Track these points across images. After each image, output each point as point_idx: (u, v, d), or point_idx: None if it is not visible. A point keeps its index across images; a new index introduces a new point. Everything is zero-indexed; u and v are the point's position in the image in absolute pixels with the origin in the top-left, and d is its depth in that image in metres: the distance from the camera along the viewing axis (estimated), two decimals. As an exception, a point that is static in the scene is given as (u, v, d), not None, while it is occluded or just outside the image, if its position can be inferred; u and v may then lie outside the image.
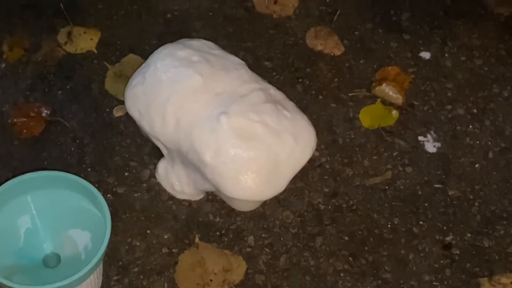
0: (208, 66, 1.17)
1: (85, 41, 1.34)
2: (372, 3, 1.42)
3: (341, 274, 1.15)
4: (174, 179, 1.19)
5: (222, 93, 1.14)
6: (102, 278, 1.08)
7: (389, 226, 1.19)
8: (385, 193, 1.22)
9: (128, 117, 1.27)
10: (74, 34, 1.34)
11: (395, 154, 1.26)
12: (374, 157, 1.25)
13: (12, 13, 1.35)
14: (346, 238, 1.18)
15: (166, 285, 1.12)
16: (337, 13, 1.40)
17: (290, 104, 1.18)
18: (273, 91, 1.18)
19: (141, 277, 1.13)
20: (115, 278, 1.13)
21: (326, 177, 1.23)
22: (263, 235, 1.18)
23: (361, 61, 1.35)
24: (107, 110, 1.28)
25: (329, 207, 1.21)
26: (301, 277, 1.14)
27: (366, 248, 1.17)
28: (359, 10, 1.40)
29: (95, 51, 1.34)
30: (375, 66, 1.34)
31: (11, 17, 1.35)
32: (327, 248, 1.17)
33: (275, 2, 1.41)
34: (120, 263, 1.14)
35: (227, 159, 1.10)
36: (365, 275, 1.14)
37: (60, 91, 1.29)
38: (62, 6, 1.36)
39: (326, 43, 1.37)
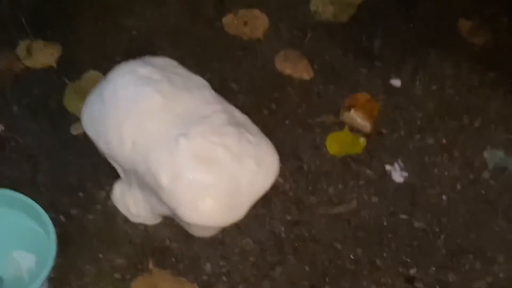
0: (170, 85, 1.15)
1: (45, 55, 1.32)
2: (343, 28, 1.40)
3: (300, 307, 1.12)
4: (130, 202, 1.16)
5: (182, 114, 1.12)
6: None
7: (351, 257, 1.17)
8: (349, 223, 1.20)
9: (86, 135, 1.24)
10: (34, 48, 1.32)
11: (361, 183, 1.24)
12: (340, 186, 1.24)
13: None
14: (307, 268, 1.16)
15: (117, 314, 1.09)
16: (308, 37, 1.39)
17: (254, 128, 1.17)
18: (237, 113, 1.16)
19: (91, 303, 1.10)
20: (62, 303, 1.10)
21: (289, 204, 1.21)
22: (221, 263, 1.15)
23: (331, 86, 1.34)
24: (65, 127, 1.25)
25: (291, 235, 1.19)
26: (259, 307, 1.12)
27: (327, 279, 1.15)
28: (330, 35, 1.40)
29: (55, 66, 1.31)
30: (344, 92, 1.33)
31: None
32: (287, 278, 1.15)
33: (245, 24, 1.40)
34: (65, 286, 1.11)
35: (185, 184, 1.08)
36: (325, 308, 1.12)
37: (16, 107, 1.26)
38: (23, 20, 1.34)
39: (295, 67, 1.36)
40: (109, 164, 1.20)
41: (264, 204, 1.21)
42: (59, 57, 1.33)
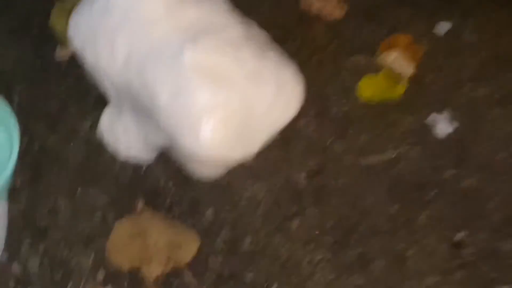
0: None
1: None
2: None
3: (320, 265, 0.91)
4: (119, 131, 0.96)
5: (189, 24, 0.93)
6: (6, 234, 0.84)
7: (386, 214, 0.96)
8: (384, 175, 1.00)
9: (71, 61, 1.05)
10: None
11: (399, 132, 1.04)
12: (373, 134, 1.03)
13: None
14: (330, 223, 0.95)
15: (93, 256, 0.89)
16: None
17: (276, 49, 0.96)
18: (257, 30, 0.96)
19: (62, 245, 0.90)
20: (27, 241, 0.89)
21: (312, 150, 1.01)
22: (226, 209, 0.95)
23: (366, 26, 1.14)
24: (49, 49, 1.06)
25: (312, 185, 0.98)
26: (267, 265, 0.91)
27: (354, 236, 0.94)
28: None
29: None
30: (382, 32, 1.13)
31: None
32: (305, 233, 0.94)
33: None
34: (37, 225, 0.91)
35: (187, 102, 0.89)
36: (350, 269, 0.91)
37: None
38: None
39: (324, 3, 1.16)
40: (96, 90, 1.00)
41: (282, 146, 1.01)
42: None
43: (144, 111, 0.93)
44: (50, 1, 1.11)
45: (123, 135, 0.97)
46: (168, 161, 0.99)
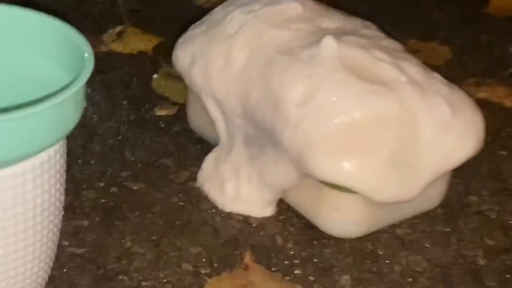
0: (315, 3, 0.78)
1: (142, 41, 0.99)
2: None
3: None
4: (226, 172, 0.74)
5: (329, 28, 0.73)
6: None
7: None
8: None
9: (175, 117, 0.86)
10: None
11: None
12: None
13: None
14: (526, 308, 0.65)
15: (174, 313, 0.62)
16: (510, 71, 1.00)
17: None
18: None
19: (133, 294, 0.63)
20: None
21: (491, 227, 0.74)
22: (369, 278, 0.67)
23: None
24: (147, 108, 0.87)
25: (495, 264, 0.70)
26: None
27: None
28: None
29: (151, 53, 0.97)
30: None
31: None
32: (490, 317, 0.64)
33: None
34: (100, 270, 0.65)
35: (324, 105, 0.67)
36: None
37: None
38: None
39: (492, 91, 0.96)
40: (198, 143, 0.80)
41: (446, 220, 0.75)
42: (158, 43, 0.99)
43: (263, 133, 0.71)
44: (154, 67, 0.94)
45: (231, 178, 0.74)
46: (289, 219, 0.74)
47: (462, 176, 0.81)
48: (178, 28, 0.88)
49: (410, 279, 0.69)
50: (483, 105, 0.93)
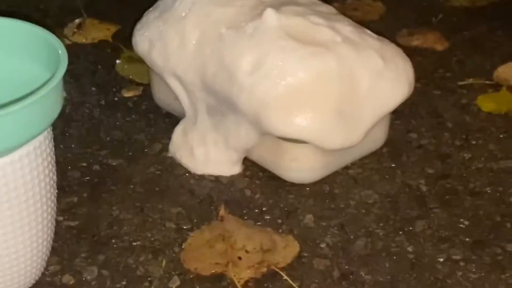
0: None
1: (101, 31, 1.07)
2: (484, 10, 1.12)
3: (461, 264, 0.71)
4: (194, 140, 0.83)
5: (270, 1, 0.82)
6: (55, 213, 0.69)
7: (537, 212, 0.77)
8: (525, 177, 0.82)
9: (140, 97, 0.94)
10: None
11: (536, 139, 0.87)
12: (504, 142, 0.87)
13: None
14: (466, 223, 0.77)
15: (164, 264, 0.71)
16: (438, 17, 1.11)
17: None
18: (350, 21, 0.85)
19: (126, 254, 0.73)
20: (83, 255, 0.73)
21: (430, 159, 0.85)
22: (330, 214, 0.77)
23: (475, 56, 1.02)
24: (115, 90, 0.96)
25: (436, 188, 0.81)
26: (391, 264, 0.71)
27: (500, 236, 0.74)
28: (468, 15, 1.11)
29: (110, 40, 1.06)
30: (495, 60, 1.00)
31: None
32: (434, 233, 0.75)
33: (355, 9, 1.13)
34: (96, 238, 0.75)
35: (272, 71, 0.76)
36: (502, 267, 0.71)
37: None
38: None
39: (424, 38, 1.06)
40: (169, 118, 0.89)
41: (391, 156, 0.85)
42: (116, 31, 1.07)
43: (222, 101, 0.80)
44: (115, 53, 1.03)
45: (199, 145, 0.83)
46: (255, 174, 0.84)
47: (403, 116, 0.92)
48: (133, 14, 0.97)
49: (364, 211, 0.79)
50: (417, 51, 1.04)
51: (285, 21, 0.79)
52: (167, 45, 0.85)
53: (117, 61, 1.02)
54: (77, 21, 1.10)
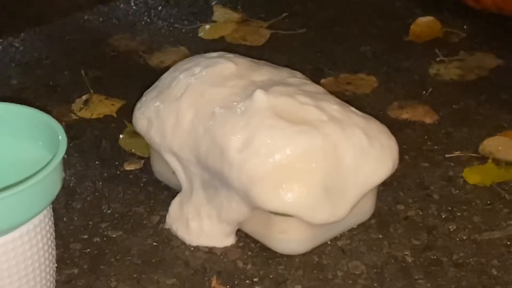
0: (247, 60, 0.92)
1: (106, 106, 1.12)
2: (474, 85, 1.17)
3: (442, 334, 0.74)
4: (190, 212, 0.87)
5: (261, 81, 0.87)
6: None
7: (518, 283, 0.80)
8: (508, 248, 0.85)
9: (141, 170, 0.99)
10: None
11: (519, 211, 0.90)
12: (488, 214, 0.91)
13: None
14: (449, 293, 0.79)
15: (157, 334, 0.75)
16: (428, 91, 1.15)
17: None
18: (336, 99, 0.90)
19: (121, 324, 0.76)
20: (81, 325, 0.76)
21: (416, 230, 0.88)
22: (317, 286, 0.81)
23: (464, 129, 1.06)
24: (117, 164, 1.00)
25: (421, 259, 0.84)
26: (375, 334, 0.74)
27: (481, 304, 0.77)
28: (457, 90, 1.16)
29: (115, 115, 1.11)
30: (483, 133, 1.04)
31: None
32: (419, 304, 0.78)
33: (348, 84, 1.18)
34: (93, 308, 0.79)
35: (260, 149, 0.80)
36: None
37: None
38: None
39: (414, 111, 1.10)
40: (168, 191, 0.93)
41: (378, 228, 0.89)
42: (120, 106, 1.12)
43: (215, 176, 0.84)
44: (119, 128, 1.08)
45: (194, 218, 0.87)
46: (247, 245, 0.87)
47: (390, 189, 0.95)
48: (137, 90, 1.01)
49: (351, 281, 0.82)
50: (406, 125, 1.08)
51: (274, 101, 0.84)
52: (164, 124, 0.89)
53: (120, 136, 1.06)
54: (84, 97, 1.15)
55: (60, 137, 0.67)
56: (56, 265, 0.73)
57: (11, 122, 0.71)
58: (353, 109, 0.88)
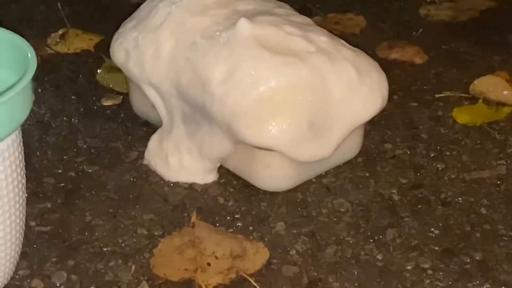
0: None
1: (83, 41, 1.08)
2: (464, 25, 1.13)
3: (429, 272, 0.71)
4: (169, 148, 0.83)
5: (243, 12, 0.83)
6: (25, 215, 0.69)
7: (507, 222, 0.77)
8: (498, 188, 0.82)
9: (119, 106, 0.95)
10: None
11: (509, 151, 0.87)
12: (477, 153, 0.87)
13: None
14: (436, 232, 0.77)
15: (133, 270, 0.71)
16: (418, 32, 1.11)
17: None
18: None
19: (96, 259, 0.73)
20: (53, 260, 0.73)
21: (404, 169, 0.85)
22: (301, 222, 0.77)
23: (453, 70, 1.02)
24: (94, 99, 0.96)
25: (408, 198, 0.81)
26: (360, 271, 0.71)
27: (468, 245, 0.74)
28: (447, 30, 1.12)
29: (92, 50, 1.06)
30: (473, 73, 1.00)
31: None
32: (404, 242, 0.75)
33: (336, 23, 1.14)
34: (66, 243, 0.75)
35: (244, 80, 0.76)
36: (470, 275, 0.70)
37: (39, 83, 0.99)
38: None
39: (403, 51, 1.06)
40: (147, 127, 0.89)
41: (364, 166, 0.85)
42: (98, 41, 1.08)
43: (197, 110, 0.81)
44: (97, 63, 1.03)
45: (174, 153, 0.83)
46: (229, 182, 0.83)
47: (379, 127, 0.92)
48: (116, 25, 0.97)
49: (335, 219, 0.79)
50: (395, 64, 1.04)
51: (259, 30, 0.79)
52: (143, 54, 0.85)
53: (98, 71, 1.02)
54: (60, 31, 1.10)
55: (29, 55, 0.63)
56: (26, 195, 0.69)
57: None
58: (343, 42, 0.84)
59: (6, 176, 0.64)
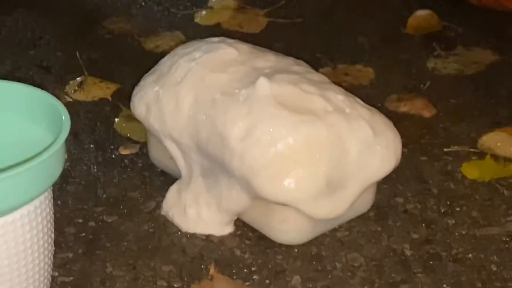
0: (249, 46, 0.91)
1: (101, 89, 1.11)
2: (472, 79, 1.16)
3: (442, 328, 0.74)
4: (188, 200, 0.86)
5: (263, 68, 0.86)
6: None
7: (517, 279, 0.80)
8: (507, 245, 0.85)
9: (137, 155, 0.97)
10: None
11: (517, 207, 0.90)
12: (486, 209, 0.90)
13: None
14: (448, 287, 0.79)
15: (154, 322, 0.74)
16: (427, 84, 1.14)
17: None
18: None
19: (117, 310, 0.75)
20: (76, 310, 0.75)
21: (415, 224, 0.88)
22: (316, 277, 0.80)
23: (461, 124, 1.05)
24: (112, 148, 0.99)
25: (420, 253, 0.84)
26: (375, 327, 0.74)
27: (480, 300, 0.77)
28: (455, 83, 1.15)
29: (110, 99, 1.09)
30: (481, 127, 1.04)
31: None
32: (418, 298, 0.77)
33: (346, 75, 1.17)
34: (88, 293, 0.77)
35: (262, 137, 0.79)
36: (482, 332, 0.73)
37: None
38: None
39: (411, 105, 1.09)
40: (164, 177, 0.92)
41: (377, 220, 0.88)
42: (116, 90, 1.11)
43: (216, 164, 0.83)
44: (114, 112, 1.06)
45: (192, 205, 0.86)
46: (245, 234, 0.86)
47: (390, 181, 0.94)
48: (132, 73, 1.00)
49: (350, 273, 0.82)
50: (404, 117, 1.07)
51: (277, 89, 0.82)
52: (163, 109, 0.88)
53: (116, 120, 1.05)
54: (78, 79, 1.13)
55: (63, 118, 0.65)
56: (53, 248, 0.72)
57: (13, 101, 0.70)
58: (358, 100, 0.87)
59: (37, 232, 0.67)
